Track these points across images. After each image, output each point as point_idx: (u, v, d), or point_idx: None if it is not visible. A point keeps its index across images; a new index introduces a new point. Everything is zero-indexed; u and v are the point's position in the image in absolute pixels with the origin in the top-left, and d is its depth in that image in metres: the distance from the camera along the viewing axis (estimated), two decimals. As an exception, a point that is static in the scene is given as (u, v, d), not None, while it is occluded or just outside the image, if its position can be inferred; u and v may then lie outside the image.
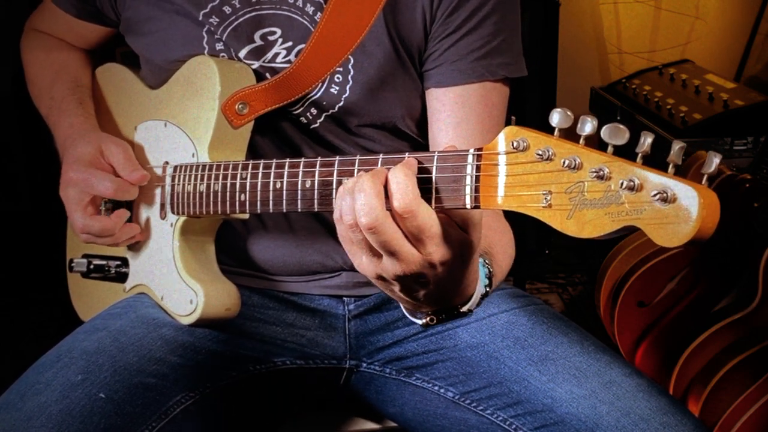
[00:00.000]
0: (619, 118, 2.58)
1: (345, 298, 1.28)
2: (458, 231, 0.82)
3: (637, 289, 2.05)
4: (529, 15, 1.16)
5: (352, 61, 1.16)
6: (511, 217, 1.10)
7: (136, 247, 1.23)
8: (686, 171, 1.96)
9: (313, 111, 1.19)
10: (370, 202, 0.78)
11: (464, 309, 0.91)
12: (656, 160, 0.71)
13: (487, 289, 0.94)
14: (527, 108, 2.37)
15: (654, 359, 2.05)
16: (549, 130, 0.77)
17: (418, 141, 1.25)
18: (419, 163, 0.83)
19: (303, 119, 1.19)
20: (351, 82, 1.16)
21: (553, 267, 2.87)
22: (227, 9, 1.17)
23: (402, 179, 0.79)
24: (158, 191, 1.19)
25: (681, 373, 1.91)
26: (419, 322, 0.92)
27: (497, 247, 1.05)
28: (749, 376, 1.78)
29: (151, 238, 1.20)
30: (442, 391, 1.21)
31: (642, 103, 2.55)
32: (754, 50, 2.84)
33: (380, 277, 0.84)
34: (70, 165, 1.18)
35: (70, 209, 1.18)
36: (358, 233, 0.81)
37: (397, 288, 0.85)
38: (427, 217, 0.79)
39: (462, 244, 0.83)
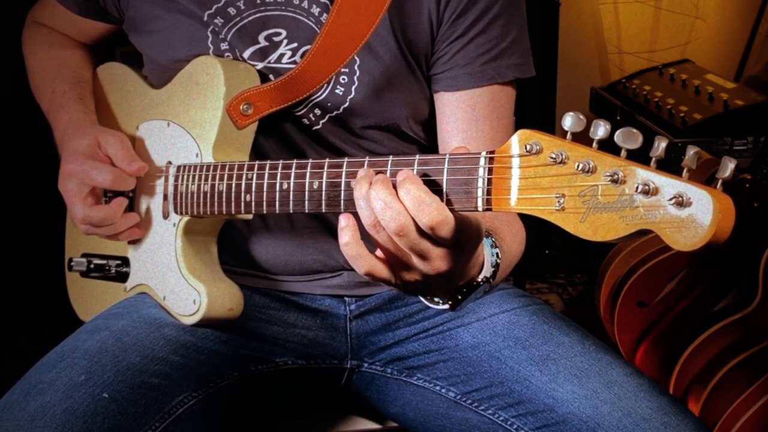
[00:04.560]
0: (618, 118, 2.58)
1: (346, 298, 1.29)
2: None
3: (637, 289, 2.05)
4: (528, 15, 1.17)
5: (358, 62, 1.16)
6: (513, 217, 1.10)
7: (137, 246, 1.23)
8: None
9: (317, 112, 1.19)
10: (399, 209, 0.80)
11: (480, 279, 0.92)
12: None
13: (498, 260, 0.94)
14: (527, 108, 2.36)
15: (654, 359, 2.05)
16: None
17: (422, 143, 1.25)
18: (429, 165, 0.84)
19: (305, 120, 1.19)
20: (357, 83, 1.16)
21: (553, 267, 2.87)
22: (232, 10, 1.17)
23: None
24: (160, 191, 1.19)
25: (681, 373, 1.91)
26: (444, 306, 0.93)
27: (503, 228, 1.05)
28: (749, 376, 1.78)
29: (153, 238, 1.20)
30: (443, 391, 1.21)
31: (642, 103, 2.55)
32: (754, 50, 2.84)
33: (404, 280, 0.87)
34: (68, 158, 1.18)
35: (70, 201, 1.18)
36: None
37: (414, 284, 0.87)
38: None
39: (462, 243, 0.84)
